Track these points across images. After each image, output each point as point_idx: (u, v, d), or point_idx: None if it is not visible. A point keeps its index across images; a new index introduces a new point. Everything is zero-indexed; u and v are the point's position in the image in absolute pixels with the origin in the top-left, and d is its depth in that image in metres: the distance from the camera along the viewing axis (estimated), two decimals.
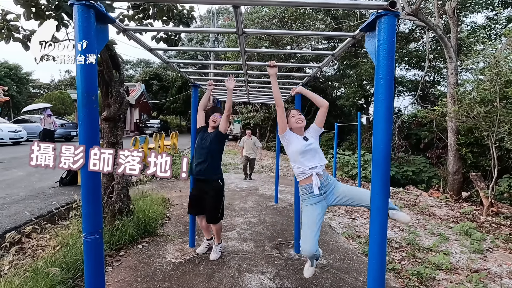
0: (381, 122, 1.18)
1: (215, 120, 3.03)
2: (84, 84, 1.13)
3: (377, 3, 1.12)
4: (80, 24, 1.11)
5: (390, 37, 1.13)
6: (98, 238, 1.18)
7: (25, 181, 5.84)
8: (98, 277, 1.19)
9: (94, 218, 1.18)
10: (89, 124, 1.15)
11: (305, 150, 2.25)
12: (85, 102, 1.13)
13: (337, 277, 2.97)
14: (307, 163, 2.25)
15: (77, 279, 2.64)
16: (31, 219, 3.65)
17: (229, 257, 3.29)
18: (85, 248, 1.17)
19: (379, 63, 1.17)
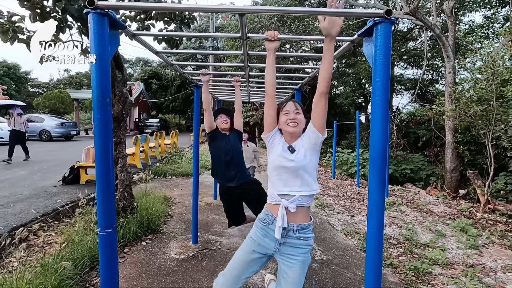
0: (378, 122, 1.26)
1: (225, 121, 2.88)
2: (99, 88, 1.20)
3: (374, 11, 1.20)
4: (95, 31, 1.18)
5: (386, 43, 1.21)
6: (112, 233, 1.26)
7: (28, 180, 5.90)
8: (112, 269, 1.27)
9: (108, 214, 1.25)
10: (104, 125, 1.22)
11: (283, 166, 1.54)
12: (100, 104, 1.20)
13: (337, 272, 3.06)
14: (279, 186, 1.56)
15: (84, 275, 2.72)
16: (37, 217, 3.73)
17: (231, 253, 3.37)
18: (100, 242, 1.24)
19: (376, 67, 1.24)
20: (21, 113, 9.14)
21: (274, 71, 1.61)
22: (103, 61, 1.21)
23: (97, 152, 1.23)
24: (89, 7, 1.14)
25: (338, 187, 8.00)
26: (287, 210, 1.51)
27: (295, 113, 1.59)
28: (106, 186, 1.24)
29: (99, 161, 1.22)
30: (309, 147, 1.57)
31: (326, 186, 7.93)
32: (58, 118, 16.53)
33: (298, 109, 1.62)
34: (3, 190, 5.10)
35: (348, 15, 1.04)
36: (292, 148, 1.57)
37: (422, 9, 13.28)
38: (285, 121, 1.59)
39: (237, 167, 2.83)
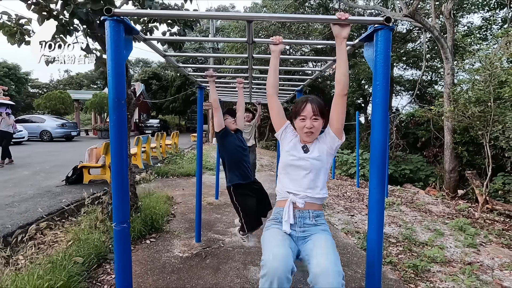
0: (378, 123, 1.33)
1: (234, 122, 2.95)
2: (114, 90, 1.27)
3: (374, 18, 1.27)
4: (111, 36, 1.25)
5: (386, 48, 1.28)
6: (126, 227, 1.32)
7: (32, 180, 5.96)
8: (126, 261, 1.33)
9: (122, 210, 1.32)
10: (119, 125, 1.29)
11: (293, 164, 1.51)
12: (116, 106, 1.27)
13: None
14: (286, 183, 1.54)
15: (91, 271, 2.79)
16: (43, 216, 3.79)
17: (233, 251, 3.44)
18: (115, 235, 1.31)
19: (376, 71, 1.31)
20: (9, 113, 8.61)
21: (277, 74, 1.61)
22: (118, 65, 1.28)
23: (113, 152, 1.30)
24: (107, 15, 1.21)
25: (338, 187, 8.07)
26: (295, 204, 1.50)
27: (313, 119, 1.49)
28: (121, 184, 1.30)
29: (114, 160, 1.29)
30: (324, 150, 1.53)
31: (326, 186, 8.00)
32: (59, 119, 16.59)
33: (316, 114, 1.48)
34: (8, 190, 5.16)
35: (351, 22, 1.08)
36: (306, 148, 1.54)
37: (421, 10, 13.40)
38: (301, 128, 1.52)
39: (248, 164, 2.93)
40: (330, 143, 1.54)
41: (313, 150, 1.52)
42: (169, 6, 3.88)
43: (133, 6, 3.93)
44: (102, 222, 3.47)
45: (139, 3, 3.93)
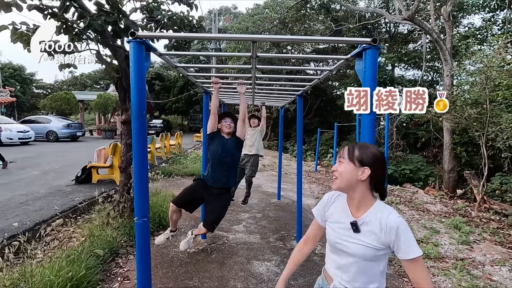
0: (367, 128, 1.52)
1: (229, 126, 2.92)
2: (137, 103, 1.47)
3: (363, 39, 1.45)
4: (135, 55, 1.44)
5: (373, 65, 1.46)
6: (146, 221, 1.52)
7: (42, 180, 6.19)
8: (147, 250, 1.53)
9: (143, 206, 1.52)
10: (141, 132, 1.48)
11: (337, 247, 1.19)
12: (138, 115, 1.47)
13: None
14: (329, 264, 1.26)
15: (105, 265, 2.99)
16: (57, 213, 4.01)
17: (237, 247, 3.64)
18: (137, 228, 1.51)
19: (365, 84, 1.50)
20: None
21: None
22: (140, 80, 1.48)
23: (135, 155, 1.49)
24: (131, 37, 1.41)
25: None
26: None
27: (338, 162, 1.17)
28: (143, 182, 1.50)
29: (136, 162, 1.49)
30: (380, 241, 1.08)
31: (327, 186, 8.18)
32: (65, 119, 16.86)
33: (342, 157, 1.15)
34: (21, 189, 5.39)
35: (341, 42, 1.23)
36: (356, 226, 1.12)
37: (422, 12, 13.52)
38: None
39: (227, 173, 2.90)
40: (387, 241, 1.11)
41: (365, 234, 1.13)
42: (176, 14, 4.08)
43: (142, 14, 4.14)
44: (114, 219, 3.68)
45: (147, 11, 4.13)
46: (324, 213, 1.28)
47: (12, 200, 4.71)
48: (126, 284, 2.75)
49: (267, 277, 2.96)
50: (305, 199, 6.16)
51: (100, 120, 21.32)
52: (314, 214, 1.34)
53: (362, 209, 1.14)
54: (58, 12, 3.18)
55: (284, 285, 1.32)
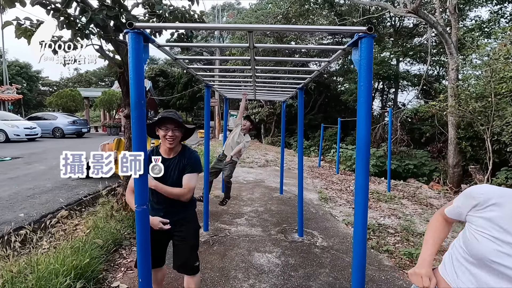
0: (363, 119, 1.52)
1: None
2: (135, 92, 1.49)
3: (358, 28, 1.45)
4: (133, 46, 1.47)
5: (368, 54, 1.47)
6: (146, 209, 1.56)
7: (49, 174, 6.30)
8: (146, 238, 1.57)
9: (143, 194, 1.55)
10: (140, 121, 1.51)
11: (495, 268, 0.88)
12: (137, 105, 1.50)
13: (336, 256, 3.34)
14: (462, 279, 0.98)
15: (109, 255, 3.06)
16: (62, 206, 4.09)
17: (239, 239, 3.68)
18: (137, 216, 1.54)
19: (360, 74, 1.51)
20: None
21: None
22: (138, 70, 1.50)
23: (134, 143, 1.53)
24: (129, 28, 1.43)
25: (341, 181, 8.24)
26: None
27: None
28: None
29: (136, 151, 1.53)
30: None
31: (330, 181, 8.18)
32: (70, 116, 17.06)
33: None
34: (28, 183, 5.50)
35: (337, 31, 1.24)
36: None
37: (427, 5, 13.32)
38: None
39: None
40: None
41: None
42: (177, 9, 4.09)
43: (144, 9, 4.16)
44: (117, 211, 3.75)
45: (149, 6, 4.16)
46: (476, 211, 0.94)
47: (19, 193, 4.81)
48: (130, 274, 2.81)
49: (267, 268, 3.00)
50: (307, 193, 6.18)
51: (105, 116, 21.52)
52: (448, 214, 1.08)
53: None
54: (60, 7, 3.22)
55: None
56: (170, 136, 1.80)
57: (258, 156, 11.92)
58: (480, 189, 0.97)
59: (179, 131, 1.84)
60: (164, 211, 1.89)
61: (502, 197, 0.90)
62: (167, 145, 1.82)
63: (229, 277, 2.79)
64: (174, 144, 1.83)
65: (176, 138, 1.82)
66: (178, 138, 1.84)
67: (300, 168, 3.91)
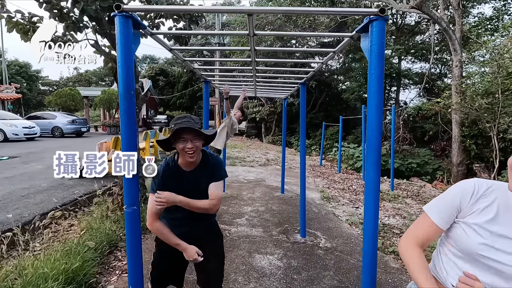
0: (374, 110, 1.39)
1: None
2: (124, 81, 1.36)
3: (369, 10, 1.32)
4: (121, 31, 1.34)
5: (380, 38, 1.33)
6: (136, 209, 1.43)
7: (45, 174, 6.18)
8: (137, 241, 1.44)
9: (133, 193, 1.42)
10: (129, 113, 1.38)
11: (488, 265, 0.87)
12: (126, 95, 1.37)
13: (340, 258, 3.20)
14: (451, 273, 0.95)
15: (104, 258, 2.93)
16: (57, 206, 3.96)
17: (239, 240, 3.55)
18: (127, 217, 1.41)
19: (371, 61, 1.37)
20: None
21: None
22: (127, 58, 1.37)
23: (123, 137, 1.39)
24: (116, 11, 1.30)
25: (343, 180, 8.10)
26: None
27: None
28: None
29: (125, 145, 1.39)
30: None
31: (332, 180, 8.04)
32: (69, 115, 16.94)
33: None
34: (23, 183, 5.37)
35: (346, 14, 1.14)
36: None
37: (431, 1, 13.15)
38: None
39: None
40: None
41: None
42: (175, 2, 3.96)
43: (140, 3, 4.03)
44: (113, 212, 3.62)
45: None
46: (461, 210, 0.91)
47: (13, 193, 4.69)
48: (125, 278, 2.68)
49: (269, 271, 2.87)
50: (309, 192, 6.05)
51: (105, 116, 21.41)
52: (428, 211, 0.98)
53: None
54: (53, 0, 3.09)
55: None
56: (190, 149, 1.50)
57: (258, 155, 11.79)
58: (470, 182, 0.94)
59: (199, 140, 1.53)
60: (190, 227, 1.64)
61: (492, 190, 0.89)
62: (188, 158, 1.53)
63: (228, 281, 2.66)
64: (195, 156, 1.55)
65: (197, 149, 1.54)
66: (199, 148, 1.56)
67: (303, 167, 3.77)
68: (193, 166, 1.61)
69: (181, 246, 1.56)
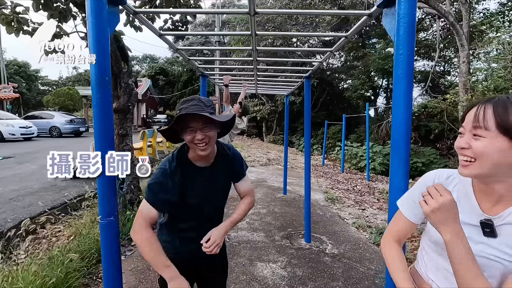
0: (401, 99, 1.14)
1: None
2: (97, 66, 1.12)
3: None
4: (92, 6, 1.09)
5: (411, 9, 1.08)
6: (113, 221, 1.18)
7: (38, 174, 5.94)
8: (115, 259, 1.19)
9: (109, 201, 1.18)
10: (104, 105, 1.13)
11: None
12: (99, 82, 1.12)
13: (349, 266, 2.95)
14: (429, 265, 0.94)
15: (91, 267, 2.69)
16: (45, 210, 3.72)
17: (239, 246, 3.30)
18: (102, 230, 1.17)
19: (399, 38, 1.12)
20: None
21: None
22: (101, 38, 1.13)
23: (96, 133, 1.15)
24: None
25: (347, 180, 7.85)
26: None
27: (471, 134, 0.74)
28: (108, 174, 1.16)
29: (98, 142, 1.15)
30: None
31: (336, 180, 7.79)
32: (68, 115, 16.72)
33: (482, 126, 0.71)
34: (14, 184, 5.14)
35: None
36: (490, 227, 0.76)
37: None
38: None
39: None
40: None
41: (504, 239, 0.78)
42: None
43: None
44: None
45: None
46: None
47: (2, 195, 4.46)
48: None
49: (272, 281, 2.62)
50: (313, 193, 5.79)
51: None
52: (400, 206, 0.95)
53: (503, 203, 0.76)
54: None
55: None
56: (200, 140, 1.14)
57: (259, 154, 11.53)
58: (431, 173, 0.93)
59: (211, 128, 1.17)
60: (200, 239, 1.24)
61: (452, 179, 0.88)
62: (200, 152, 1.17)
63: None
64: (208, 149, 1.18)
65: (211, 140, 1.17)
66: (213, 138, 1.19)
67: (307, 167, 3.52)
68: (208, 160, 1.26)
69: (170, 273, 1.11)
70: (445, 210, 0.72)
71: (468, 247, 0.71)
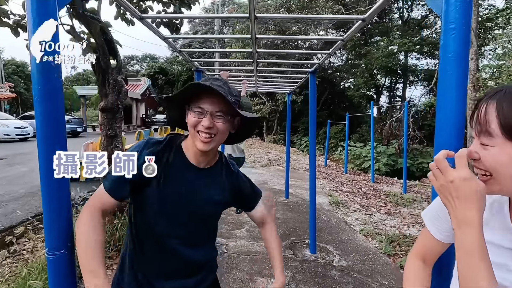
0: (451, 88, 0.84)
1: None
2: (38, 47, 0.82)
3: None
4: None
5: None
6: (66, 254, 0.89)
7: (27, 177, 5.67)
8: None
9: (60, 228, 0.88)
10: (49, 99, 0.84)
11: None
12: (41, 71, 0.83)
13: (360, 281, 2.66)
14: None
15: None
16: (28, 218, 3.43)
17: (238, 258, 3.01)
18: (50, 268, 0.87)
19: (448, 7, 0.82)
20: None
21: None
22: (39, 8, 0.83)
23: (40, 132, 0.85)
24: None
25: (351, 182, 7.55)
26: None
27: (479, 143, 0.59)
28: (54, 190, 0.86)
29: (42, 153, 0.85)
30: None
31: (339, 182, 7.49)
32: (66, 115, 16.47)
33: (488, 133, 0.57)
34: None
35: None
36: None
37: None
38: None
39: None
40: None
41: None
42: None
43: None
44: None
45: None
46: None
47: None
48: None
49: None
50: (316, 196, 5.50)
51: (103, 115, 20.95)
52: (424, 217, 0.79)
53: None
54: None
55: None
56: (206, 128, 0.85)
57: (260, 155, 11.23)
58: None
59: (225, 121, 0.88)
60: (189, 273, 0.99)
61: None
62: (200, 145, 0.87)
63: None
64: (211, 144, 0.88)
65: (218, 134, 0.88)
66: (221, 134, 0.89)
67: (312, 170, 3.22)
68: (204, 161, 0.96)
69: (90, 282, 0.86)
70: (454, 190, 0.55)
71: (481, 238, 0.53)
